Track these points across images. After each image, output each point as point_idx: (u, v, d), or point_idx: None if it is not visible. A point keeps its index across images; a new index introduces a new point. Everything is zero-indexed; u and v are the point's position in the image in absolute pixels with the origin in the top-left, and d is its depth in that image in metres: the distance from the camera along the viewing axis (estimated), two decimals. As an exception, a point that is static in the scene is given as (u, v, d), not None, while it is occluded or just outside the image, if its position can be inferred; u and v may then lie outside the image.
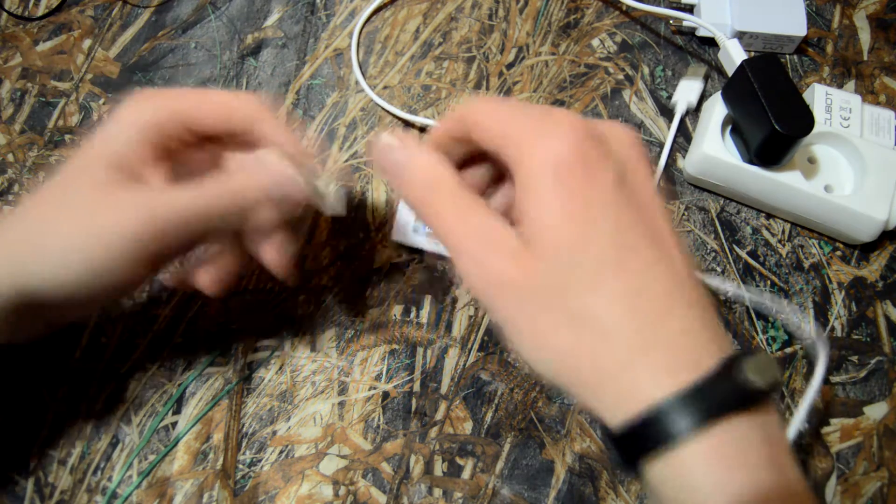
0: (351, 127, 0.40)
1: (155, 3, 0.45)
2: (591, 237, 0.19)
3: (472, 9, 0.44)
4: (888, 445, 0.33)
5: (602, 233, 0.19)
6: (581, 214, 0.19)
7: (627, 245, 0.19)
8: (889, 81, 0.42)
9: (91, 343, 0.34)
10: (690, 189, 0.39)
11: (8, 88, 0.42)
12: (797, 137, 0.33)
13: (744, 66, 0.35)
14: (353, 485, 0.32)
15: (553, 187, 0.19)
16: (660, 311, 0.19)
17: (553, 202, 0.19)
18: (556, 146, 0.19)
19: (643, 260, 0.19)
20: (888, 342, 0.36)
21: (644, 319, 0.19)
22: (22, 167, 0.39)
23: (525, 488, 0.32)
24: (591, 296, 0.19)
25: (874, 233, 0.36)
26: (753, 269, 0.37)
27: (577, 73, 0.42)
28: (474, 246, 0.20)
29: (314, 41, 0.43)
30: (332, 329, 0.35)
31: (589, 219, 0.19)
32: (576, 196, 0.19)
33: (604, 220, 0.19)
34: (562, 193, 0.19)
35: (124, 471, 0.32)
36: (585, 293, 0.19)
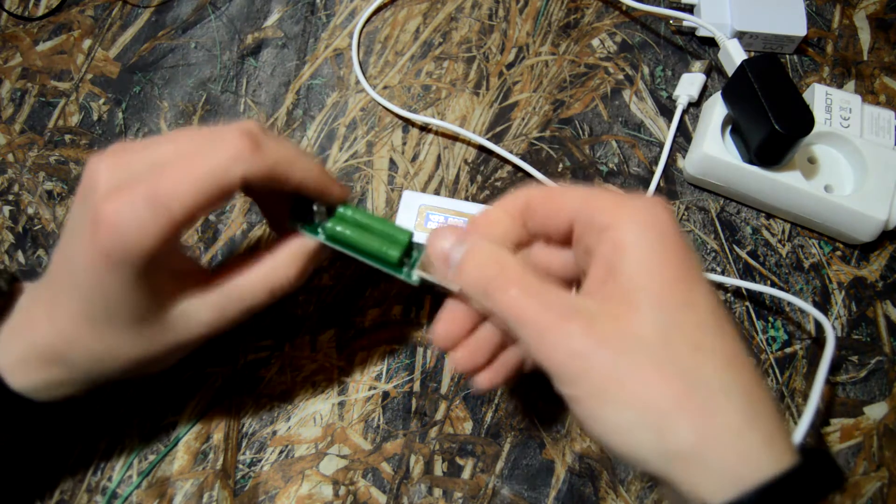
0: (351, 127, 0.40)
1: (155, 3, 0.45)
2: (694, 299, 0.19)
3: (472, 9, 0.44)
4: (888, 445, 0.33)
5: (703, 297, 0.19)
6: (686, 275, 0.19)
7: (721, 312, 0.20)
8: (889, 81, 0.42)
9: (91, 343, 0.34)
10: (690, 189, 0.39)
11: (8, 88, 0.42)
12: (797, 137, 0.33)
13: (744, 66, 0.35)
14: (353, 485, 0.32)
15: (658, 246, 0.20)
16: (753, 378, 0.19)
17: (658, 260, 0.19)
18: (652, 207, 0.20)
19: (732, 328, 0.20)
20: (888, 342, 0.36)
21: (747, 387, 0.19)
22: (22, 167, 0.39)
23: (525, 488, 0.32)
24: (699, 356, 0.19)
25: (874, 233, 0.36)
26: (753, 269, 0.37)
27: (577, 73, 0.42)
28: (550, 316, 0.20)
29: (314, 41, 0.43)
30: (332, 329, 0.35)
31: (691, 281, 0.19)
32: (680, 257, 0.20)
33: (702, 285, 0.20)
34: (667, 253, 0.20)
35: (124, 471, 0.32)
36: (693, 353, 0.19)
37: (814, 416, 0.30)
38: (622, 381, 0.18)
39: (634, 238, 0.20)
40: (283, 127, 0.40)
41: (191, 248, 0.37)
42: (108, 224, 0.21)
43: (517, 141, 0.40)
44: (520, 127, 0.41)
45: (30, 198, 0.38)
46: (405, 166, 0.39)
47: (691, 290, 0.19)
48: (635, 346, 0.19)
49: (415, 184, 0.39)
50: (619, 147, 0.40)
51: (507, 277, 0.21)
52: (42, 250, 0.37)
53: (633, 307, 0.19)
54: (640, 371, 0.18)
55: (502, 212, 0.24)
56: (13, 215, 0.38)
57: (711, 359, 0.19)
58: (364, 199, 0.38)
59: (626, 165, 0.40)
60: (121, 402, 0.33)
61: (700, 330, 0.19)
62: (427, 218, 0.36)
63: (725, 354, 0.19)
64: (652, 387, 0.18)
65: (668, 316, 0.19)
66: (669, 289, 0.19)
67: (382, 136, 0.40)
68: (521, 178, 0.39)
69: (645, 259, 0.19)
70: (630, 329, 0.19)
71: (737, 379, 0.19)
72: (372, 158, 0.39)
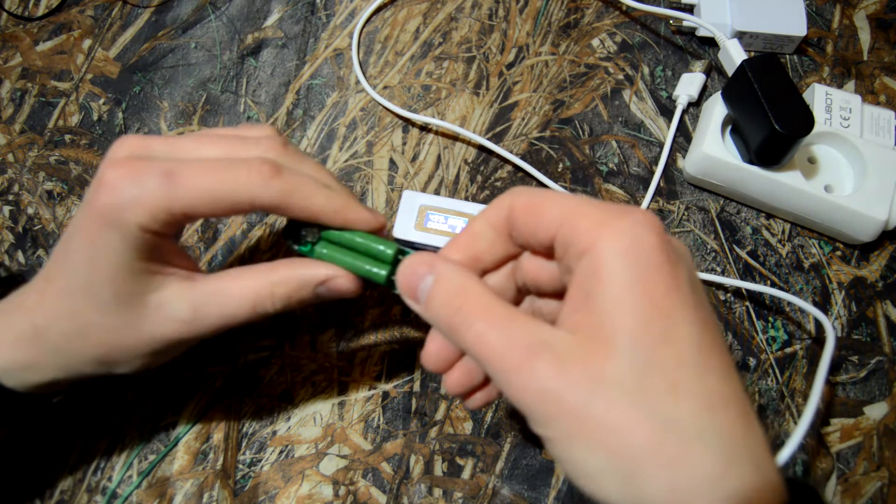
0: (351, 127, 0.40)
1: (155, 3, 0.45)
2: (674, 335, 0.18)
3: (472, 9, 0.44)
4: (888, 445, 0.33)
5: (685, 332, 0.18)
6: (666, 309, 0.18)
7: (706, 345, 0.18)
8: (889, 81, 0.42)
9: (91, 343, 0.34)
10: (690, 189, 0.39)
11: (8, 88, 0.42)
12: (797, 137, 0.33)
13: (744, 66, 0.35)
14: (353, 485, 0.32)
15: (638, 277, 0.18)
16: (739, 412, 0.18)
17: (636, 293, 0.18)
18: (636, 229, 0.18)
19: (719, 363, 0.18)
20: (888, 342, 0.36)
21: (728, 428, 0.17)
22: (22, 167, 0.39)
23: (525, 488, 0.32)
24: (673, 397, 0.17)
25: (874, 233, 0.36)
26: (753, 269, 0.37)
27: (577, 73, 0.42)
28: (518, 355, 0.18)
29: (314, 41, 0.43)
30: (332, 329, 0.35)
31: (673, 315, 0.18)
32: (661, 289, 0.18)
33: (686, 319, 0.18)
34: (647, 285, 0.18)
35: (124, 471, 0.32)
36: (669, 394, 0.17)
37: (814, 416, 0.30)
38: (593, 424, 0.17)
39: (612, 267, 0.18)
40: (283, 127, 0.40)
41: (191, 249, 0.37)
42: (110, 185, 0.22)
43: (517, 141, 0.40)
44: (520, 127, 0.41)
45: (30, 198, 0.38)
46: (405, 166, 0.39)
47: (672, 325, 0.18)
48: (608, 387, 0.17)
49: (415, 184, 0.39)
50: (619, 147, 0.40)
51: (471, 311, 0.20)
52: (42, 250, 0.37)
53: (607, 345, 0.18)
54: (612, 414, 0.17)
55: (485, 225, 0.22)
56: (13, 215, 0.38)
57: (689, 399, 0.17)
58: (364, 199, 0.38)
59: (626, 165, 0.40)
60: (121, 402, 0.33)
61: (679, 368, 0.17)
62: (427, 218, 0.36)
63: (706, 393, 0.17)
64: (623, 432, 0.17)
65: (645, 355, 0.17)
66: (648, 325, 0.18)
67: (382, 136, 0.40)
68: (521, 178, 0.39)
69: (622, 292, 0.18)
70: (603, 369, 0.18)
71: (716, 420, 0.17)
72: (372, 158, 0.39)
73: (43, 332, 0.24)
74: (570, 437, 0.18)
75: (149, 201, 0.21)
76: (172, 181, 0.22)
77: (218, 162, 0.23)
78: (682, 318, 0.18)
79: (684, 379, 0.17)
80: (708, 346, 0.18)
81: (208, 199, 0.22)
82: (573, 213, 0.19)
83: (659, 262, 0.18)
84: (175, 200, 0.22)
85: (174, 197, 0.22)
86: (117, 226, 0.22)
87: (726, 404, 0.18)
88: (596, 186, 0.39)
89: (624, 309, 0.18)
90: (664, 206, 0.39)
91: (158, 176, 0.22)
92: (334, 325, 0.35)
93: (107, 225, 0.22)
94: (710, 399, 0.17)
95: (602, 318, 0.18)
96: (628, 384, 0.17)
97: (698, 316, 0.18)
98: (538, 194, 0.21)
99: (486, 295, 0.20)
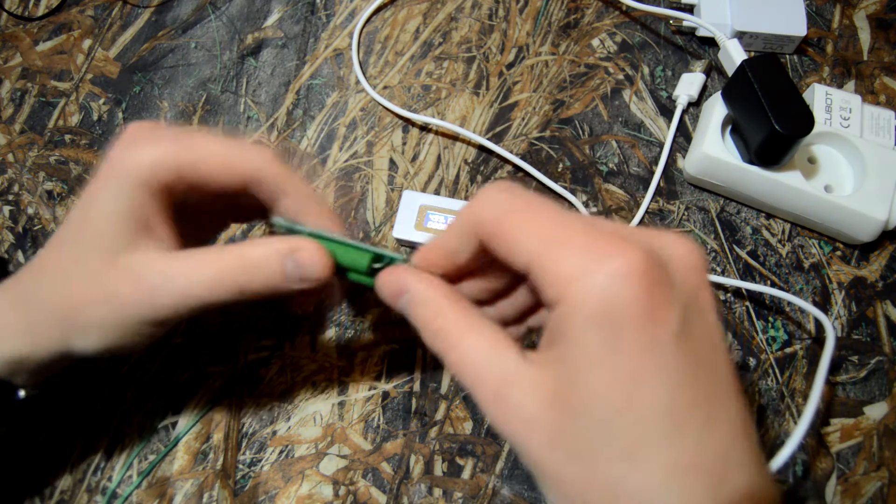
0: (351, 127, 0.40)
1: (155, 3, 0.45)
2: (638, 401, 0.16)
3: (472, 9, 0.44)
4: (888, 445, 0.33)
5: (653, 396, 0.16)
6: (630, 374, 0.16)
7: (681, 406, 0.16)
8: (889, 81, 0.42)
9: (91, 343, 0.34)
10: (690, 189, 0.39)
11: (8, 88, 0.42)
12: (797, 137, 0.33)
13: (744, 66, 0.35)
14: (353, 485, 0.32)
15: (600, 337, 0.16)
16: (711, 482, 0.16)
17: (597, 355, 0.16)
18: (611, 285, 0.16)
19: (698, 421, 0.16)
20: (888, 342, 0.36)
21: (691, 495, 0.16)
22: (22, 167, 0.39)
23: (525, 488, 0.32)
24: (627, 466, 0.16)
25: (874, 233, 0.36)
26: (753, 269, 0.37)
27: (577, 73, 0.42)
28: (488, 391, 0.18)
29: (314, 41, 0.43)
30: (332, 329, 0.35)
31: (640, 378, 0.16)
32: (628, 350, 0.16)
33: (657, 381, 0.16)
34: (615, 351, 0.16)
35: (124, 471, 0.32)
36: (621, 462, 0.16)
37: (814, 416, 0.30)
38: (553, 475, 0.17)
39: (579, 332, 0.16)
40: (283, 127, 0.40)
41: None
42: (126, 135, 0.24)
43: (517, 141, 0.40)
44: (520, 127, 0.41)
45: (30, 198, 0.38)
46: (405, 166, 0.39)
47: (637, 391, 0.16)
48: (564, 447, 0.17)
49: (415, 184, 0.39)
50: (619, 147, 0.40)
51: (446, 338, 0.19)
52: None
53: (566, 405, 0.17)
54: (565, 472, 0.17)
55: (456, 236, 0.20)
56: (13, 215, 0.38)
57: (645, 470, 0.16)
58: (364, 198, 0.38)
59: (626, 165, 0.40)
60: (121, 402, 0.33)
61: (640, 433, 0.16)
62: (427, 218, 0.36)
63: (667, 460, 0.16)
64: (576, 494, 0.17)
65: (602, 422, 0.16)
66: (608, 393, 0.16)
67: (382, 136, 0.40)
68: (522, 178, 0.39)
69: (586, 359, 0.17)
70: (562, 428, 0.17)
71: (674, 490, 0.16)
72: (372, 158, 0.39)
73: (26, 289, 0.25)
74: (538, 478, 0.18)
75: (158, 151, 0.23)
76: (183, 140, 0.23)
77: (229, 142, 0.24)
78: (650, 384, 0.16)
79: (643, 447, 0.16)
80: (683, 407, 0.16)
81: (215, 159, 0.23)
82: (544, 255, 0.17)
83: (632, 325, 0.16)
84: (182, 155, 0.23)
85: (184, 151, 0.23)
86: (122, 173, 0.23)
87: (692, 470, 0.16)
88: (596, 186, 0.39)
89: (585, 376, 0.17)
90: (664, 206, 0.39)
91: (172, 133, 0.23)
92: (334, 325, 0.35)
93: (112, 172, 0.23)
94: (672, 467, 0.16)
95: (565, 376, 0.17)
96: (583, 448, 0.17)
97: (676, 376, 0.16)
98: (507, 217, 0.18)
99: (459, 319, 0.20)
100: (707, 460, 0.16)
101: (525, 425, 0.18)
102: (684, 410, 0.16)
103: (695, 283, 0.18)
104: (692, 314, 0.17)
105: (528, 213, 0.18)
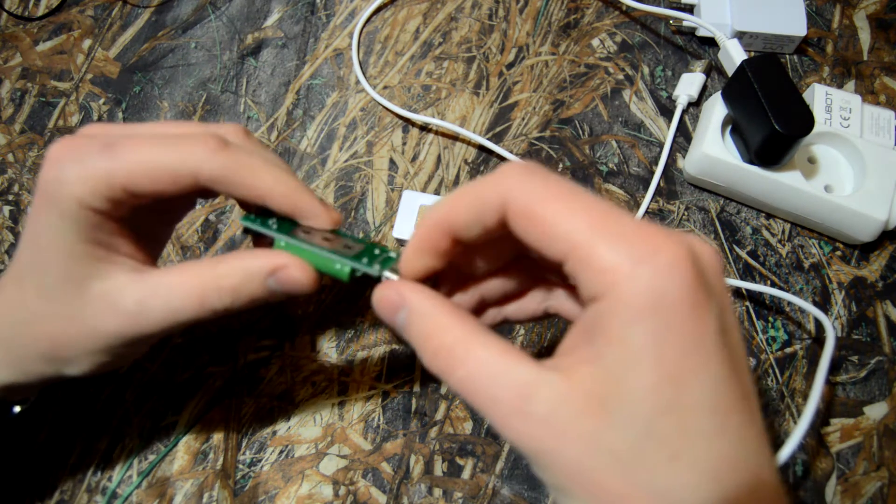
0: (351, 127, 0.40)
1: (155, 3, 0.45)
2: (682, 403, 0.16)
3: (472, 9, 0.44)
4: (888, 445, 0.33)
5: (700, 394, 0.16)
6: (679, 376, 0.16)
7: (722, 408, 0.16)
8: (889, 81, 0.42)
9: (91, 343, 0.34)
10: (690, 189, 0.39)
11: (8, 88, 0.42)
12: (797, 137, 0.33)
13: (744, 66, 0.35)
14: (353, 485, 0.32)
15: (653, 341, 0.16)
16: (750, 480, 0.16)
17: (647, 360, 0.16)
18: (662, 278, 0.15)
19: (736, 423, 0.16)
20: (888, 342, 0.36)
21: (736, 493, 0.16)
22: (22, 167, 0.39)
23: (525, 488, 0.32)
24: (672, 467, 0.16)
25: (874, 233, 0.36)
26: (753, 269, 0.37)
27: (577, 73, 0.42)
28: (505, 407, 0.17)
29: (314, 41, 0.43)
30: (332, 329, 0.35)
31: (686, 381, 0.16)
32: (677, 352, 0.16)
33: (704, 378, 0.16)
34: (662, 349, 0.16)
35: (124, 471, 0.32)
36: (666, 464, 0.16)
37: (814, 416, 0.30)
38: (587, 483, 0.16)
39: (625, 330, 0.16)
40: (283, 127, 0.40)
41: (191, 249, 0.37)
42: (50, 160, 0.21)
43: (517, 141, 0.40)
44: (520, 127, 0.41)
45: (30, 198, 0.38)
46: (405, 166, 0.39)
47: (683, 392, 0.16)
48: (602, 452, 0.16)
49: (415, 184, 0.39)
50: (619, 147, 0.40)
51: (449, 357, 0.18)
52: (42, 250, 0.37)
53: (604, 408, 0.16)
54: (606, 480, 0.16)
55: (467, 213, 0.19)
56: (13, 215, 0.38)
57: (690, 470, 0.16)
58: (364, 198, 0.38)
59: (626, 165, 0.40)
60: (121, 402, 0.33)
61: (683, 437, 0.16)
62: (427, 218, 0.36)
63: (712, 462, 0.16)
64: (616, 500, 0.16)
65: (645, 424, 0.16)
66: (653, 394, 0.16)
67: (382, 136, 0.40)
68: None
69: (631, 358, 0.16)
70: (598, 433, 0.16)
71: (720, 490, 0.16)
72: (372, 158, 0.39)
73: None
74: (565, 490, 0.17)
75: (86, 173, 0.21)
76: (112, 152, 0.21)
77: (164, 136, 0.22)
78: (696, 381, 0.16)
79: (687, 448, 0.16)
80: (725, 406, 0.16)
81: (147, 170, 0.21)
82: (587, 245, 0.16)
83: (682, 320, 0.16)
84: (114, 171, 0.21)
85: (113, 168, 0.21)
86: (56, 201, 0.21)
87: (734, 470, 0.16)
88: (596, 186, 0.39)
89: (630, 375, 0.16)
90: (664, 206, 0.39)
91: (98, 147, 0.21)
92: (334, 325, 0.35)
93: (47, 202, 0.21)
94: (716, 467, 0.16)
95: (604, 376, 0.16)
96: (624, 453, 0.16)
97: (720, 373, 0.16)
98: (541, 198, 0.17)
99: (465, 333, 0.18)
100: (746, 459, 0.16)
101: (557, 437, 0.16)
102: (727, 409, 0.16)
103: (723, 285, 0.17)
104: (723, 312, 0.17)
105: (568, 199, 0.17)
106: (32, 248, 0.22)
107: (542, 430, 0.17)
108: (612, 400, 0.16)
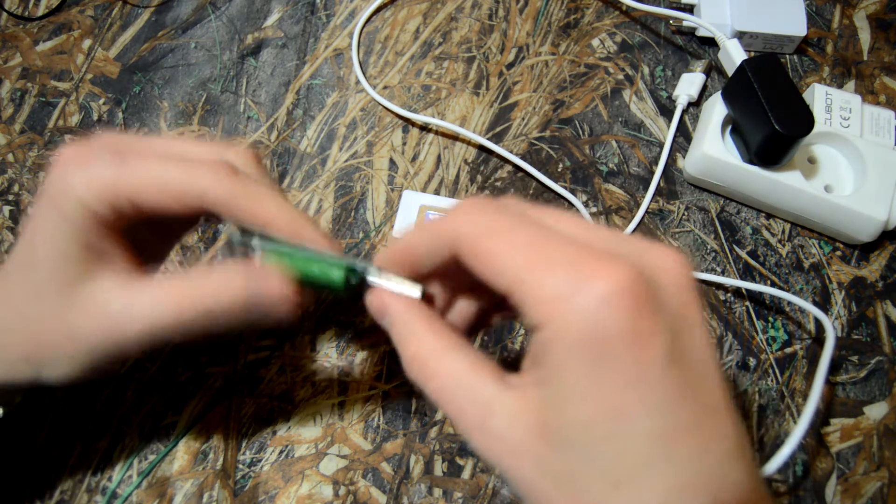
0: (351, 127, 0.40)
1: (155, 3, 0.45)
2: (624, 430, 0.16)
3: (472, 9, 0.44)
4: (888, 445, 0.33)
5: (640, 425, 0.16)
6: (615, 406, 0.16)
7: (670, 432, 0.16)
8: (889, 81, 0.42)
9: (91, 343, 0.34)
10: (690, 189, 0.39)
11: (8, 88, 0.42)
12: (797, 137, 0.33)
13: (744, 66, 0.35)
14: (353, 485, 0.32)
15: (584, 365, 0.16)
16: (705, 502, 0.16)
17: (581, 384, 0.16)
18: (595, 308, 0.15)
19: (689, 445, 0.16)
20: (888, 342, 0.36)
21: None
22: (22, 167, 0.39)
23: (525, 488, 0.32)
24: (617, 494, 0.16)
25: (874, 233, 0.36)
26: (753, 269, 0.37)
27: (577, 73, 0.42)
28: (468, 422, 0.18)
29: (314, 41, 0.43)
30: (332, 329, 0.35)
31: (625, 409, 0.16)
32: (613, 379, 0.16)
33: (644, 410, 0.16)
34: (595, 374, 0.16)
35: (124, 471, 0.32)
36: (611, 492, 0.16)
37: (814, 415, 0.30)
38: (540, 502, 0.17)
39: (562, 360, 0.16)
40: (283, 127, 0.40)
41: (190, 249, 0.37)
42: (59, 164, 0.21)
43: (517, 141, 0.40)
44: (520, 127, 0.41)
45: (30, 198, 0.38)
46: (405, 166, 0.39)
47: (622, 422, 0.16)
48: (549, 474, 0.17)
49: (415, 184, 0.39)
50: (619, 147, 0.40)
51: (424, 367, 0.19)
52: (42, 250, 0.37)
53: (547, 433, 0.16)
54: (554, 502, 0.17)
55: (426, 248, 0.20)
56: (13, 215, 0.38)
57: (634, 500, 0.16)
58: (364, 198, 0.38)
59: (626, 165, 0.40)
60: (121, 402, 0.33)
61: (624, 466, 0.16)
62: (427, 218, 0.36)
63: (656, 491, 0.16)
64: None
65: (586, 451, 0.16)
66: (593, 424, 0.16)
67: (382, 136, 0.40)
68: (521, 178, 0.39)
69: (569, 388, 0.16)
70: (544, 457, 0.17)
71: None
72: (372, 158, 0.39)
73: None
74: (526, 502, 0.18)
75: (94, 178, 0.21)
76: (123, 162, 0.21)
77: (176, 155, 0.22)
78: (636, 412, 0.16)
79: (630, 477, 0.16)
80: (673, 431, 0.16)
81: (155, 186, 0.21)
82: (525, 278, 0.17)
83: (617, 352, 0.15)
84: (121, 181, 0.21)
85: (120, 177, 0.21)
86: (59, 201, 0.21)
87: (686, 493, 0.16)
88: (596, 186, 0.39)
89: (568, 406, 0.16)
90: (664, 206, 0.39)
91: (108, 156, 0.21)
92: (334, 325, 0.35)
93: (50, 201, 0.21)
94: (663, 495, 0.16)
95: (548, 402, 0.17)
96: (568, 478, 0.16)
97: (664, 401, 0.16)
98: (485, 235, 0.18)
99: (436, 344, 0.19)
100: (701, 481, 0.16)
101: (512, 455, 0.17)
102: (673, 436, 0.16)
103: (683, 300, 0.17)
104: (681, 332, 0.16)
105: (509, 233, 0.17)
106: (28, 245, 0.22)
107: (500, 447, 0.17)
108: (553, 427, 0.16)
